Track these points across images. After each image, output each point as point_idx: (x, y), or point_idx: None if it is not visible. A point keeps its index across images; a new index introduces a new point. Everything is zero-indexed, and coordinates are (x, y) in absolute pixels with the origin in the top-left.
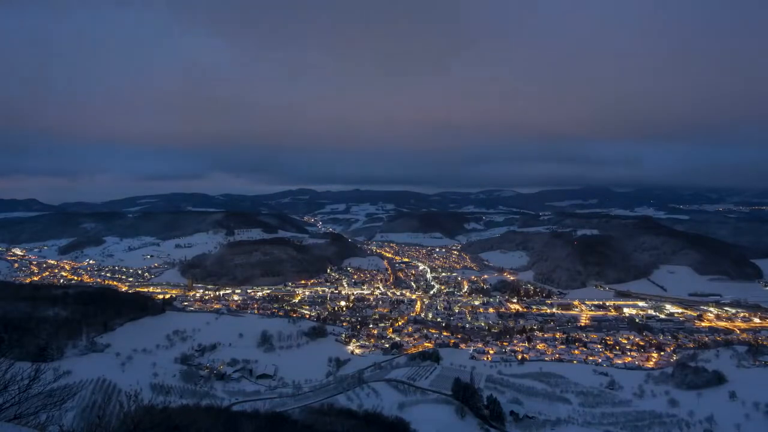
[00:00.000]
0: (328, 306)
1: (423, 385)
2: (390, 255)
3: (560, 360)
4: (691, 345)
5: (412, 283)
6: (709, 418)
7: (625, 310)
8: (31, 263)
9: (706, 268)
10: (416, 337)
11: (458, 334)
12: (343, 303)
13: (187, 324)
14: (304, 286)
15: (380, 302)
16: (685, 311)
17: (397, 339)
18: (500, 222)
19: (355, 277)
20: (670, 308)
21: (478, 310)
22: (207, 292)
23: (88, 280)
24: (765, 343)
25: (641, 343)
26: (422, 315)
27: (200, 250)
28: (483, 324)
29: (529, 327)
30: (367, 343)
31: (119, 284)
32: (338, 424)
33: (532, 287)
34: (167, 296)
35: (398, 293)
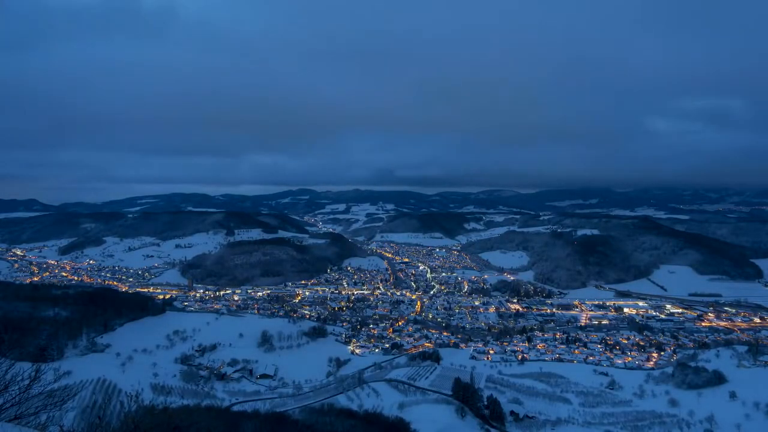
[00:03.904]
0: (328, 306)
1: (423, 385)
2: (390, 255)
3: (560, 360)
4: (691, 345)
5: (412, 283)
6: (709, 417)
7: (626, 310)
8: (31, 263)
9: (706, 268)
10: (416, 337)
11: (458, 334)
12: (343, 303)
13: (187, 324)
14: (304, 286)
15: (380, 302)
16: (686, 311)
17: (397, 339)
18: (500, 222)
19: (356, 277)
20: (670, 308)
21: (478, 310)
22: (207, 292)
23: (88, 281)
24: (765, 343)
25: (641, 343)
26: (422, 315)
27: (200, 250)
28: (483, 324)
29: (529, 327)
30: (367, 344)
31: (119, 284)
32: (339, 424)
33: (532, 287)
34: (167, 296)
35: (398, 293)
